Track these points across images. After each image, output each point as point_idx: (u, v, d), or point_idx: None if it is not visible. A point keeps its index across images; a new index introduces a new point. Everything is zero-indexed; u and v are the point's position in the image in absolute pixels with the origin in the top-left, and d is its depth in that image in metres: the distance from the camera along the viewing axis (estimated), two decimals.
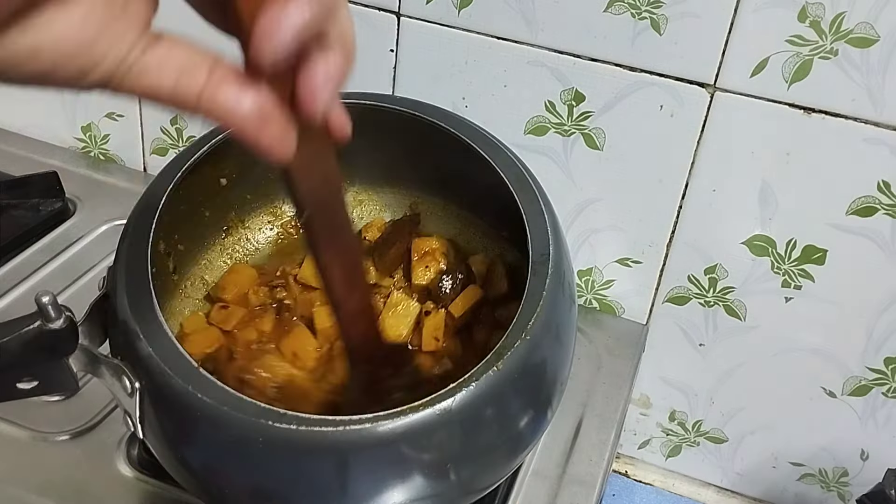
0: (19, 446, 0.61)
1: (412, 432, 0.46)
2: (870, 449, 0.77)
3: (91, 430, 0.63)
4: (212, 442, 0.47)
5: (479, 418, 0.48)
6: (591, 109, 0.72)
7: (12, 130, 0.96)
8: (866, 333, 0.72)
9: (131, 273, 0.51)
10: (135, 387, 0.48)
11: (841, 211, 0.68)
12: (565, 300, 0.54)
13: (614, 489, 0.84)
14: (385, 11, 0.74)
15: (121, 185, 0.90)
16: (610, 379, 0.74)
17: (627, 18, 0.67)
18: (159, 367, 0.47)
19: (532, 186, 0.58)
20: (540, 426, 0.54)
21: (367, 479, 0.47)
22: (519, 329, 0.50)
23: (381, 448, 0.46)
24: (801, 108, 0.66)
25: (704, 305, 0.76)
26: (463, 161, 0.60)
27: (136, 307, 0.50)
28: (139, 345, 0.48)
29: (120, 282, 0.51)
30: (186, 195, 0.59)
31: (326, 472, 0.46)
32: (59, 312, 0.47)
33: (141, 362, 0.48)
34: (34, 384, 0.49)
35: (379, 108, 0.62)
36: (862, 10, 0.61)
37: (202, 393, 0.46)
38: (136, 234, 0.53)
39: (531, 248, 0.54)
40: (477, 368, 0.48)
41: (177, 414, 0.47)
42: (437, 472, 0.48)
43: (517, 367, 0.49)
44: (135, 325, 0.49)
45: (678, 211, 0.73)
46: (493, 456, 0.52)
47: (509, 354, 0.48)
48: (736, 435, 0.81)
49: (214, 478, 0.49)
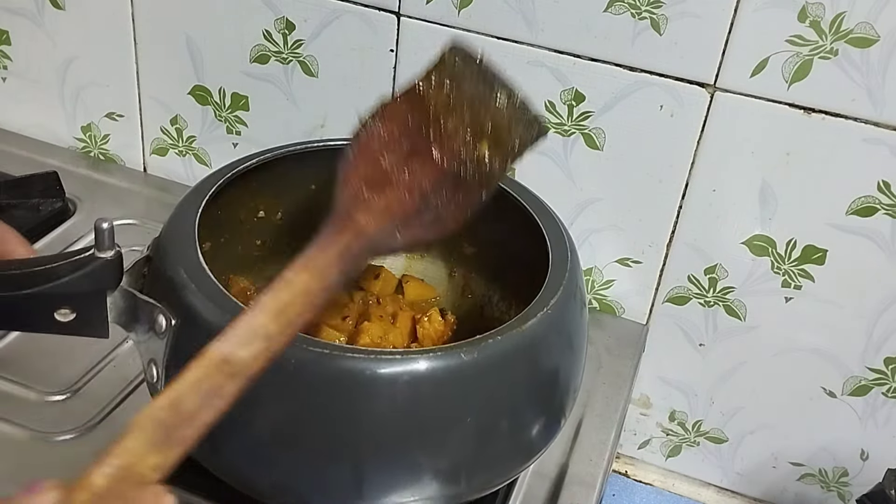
0: (19, 446, 0.61)
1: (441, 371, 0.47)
2: (870, 449, 0.77)
3: (91, 430, 0.63)
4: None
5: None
6: (591, 109, 0.72)
7: (12, 130, 0.96)
8: (866, 333, 0.72)
9: (178, 233, 0.53)
10: (171, 324, 0.49)
11: (841, 211, 0.68)
12: (576, 305, 0.55)
13: (614, 489, 0.84)
14: (385, 11, 0.74)
15: (121, 185, 0.90)
16: (610, 379, 0.74)
17: (627, 18, 0.67)
18: (199, 298, 0.48)
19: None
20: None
21: (385, 420, 0.47)
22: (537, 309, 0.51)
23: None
24: (801, 108, 0.66)
25: (704, 305, 0.76)
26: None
27: (180, 256, 0.52)
28: (183, 284, 0.49)
29: (167, 236, 0.53)
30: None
31: (341, 403, 0.47)
32: (112, 243, 0.49)
33: (182, 300, 0.49)
34: (71, 318, 0.50)
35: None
36: (862, 10, 0.61)
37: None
38: (187, 202, 0.56)
39: (550, 248, 0.56)
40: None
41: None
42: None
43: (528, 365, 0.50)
44: (180, 269, 0.50)
45: (678, 211, 0.73)
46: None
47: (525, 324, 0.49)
48: (736, 435, 0.81)
49: (242, 417, 0.48)
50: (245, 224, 0.67)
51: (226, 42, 0.81)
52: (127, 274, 0.51)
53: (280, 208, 0.68)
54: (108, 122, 0.92)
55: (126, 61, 0.87)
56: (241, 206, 0.65)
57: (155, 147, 0.91)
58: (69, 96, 0.91)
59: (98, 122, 0.92)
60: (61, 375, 0.66)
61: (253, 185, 0.63)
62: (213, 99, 0.85)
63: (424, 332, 0.65)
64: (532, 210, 0.60)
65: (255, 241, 0.68)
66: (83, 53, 0.88)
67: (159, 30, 0.84)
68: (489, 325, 0.67)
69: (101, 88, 0.90)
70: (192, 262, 0.51)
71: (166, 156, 0.91)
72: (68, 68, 0.90)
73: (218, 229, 0.63)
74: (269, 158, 0.62)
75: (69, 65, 0.89)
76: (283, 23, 0.78)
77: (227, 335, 0.40)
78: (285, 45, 0.79)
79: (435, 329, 0.64)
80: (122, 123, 0.91)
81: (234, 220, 0.66)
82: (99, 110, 0.91)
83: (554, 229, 0.59)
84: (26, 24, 0.88)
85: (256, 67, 0.81)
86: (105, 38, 0.86)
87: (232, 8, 0.79)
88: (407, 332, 0.66)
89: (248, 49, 0.81)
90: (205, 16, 0.81)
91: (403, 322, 0.66)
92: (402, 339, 0.64)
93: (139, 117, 0.90)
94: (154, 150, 0.91)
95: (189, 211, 0.55)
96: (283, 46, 0.79)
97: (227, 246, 0.66)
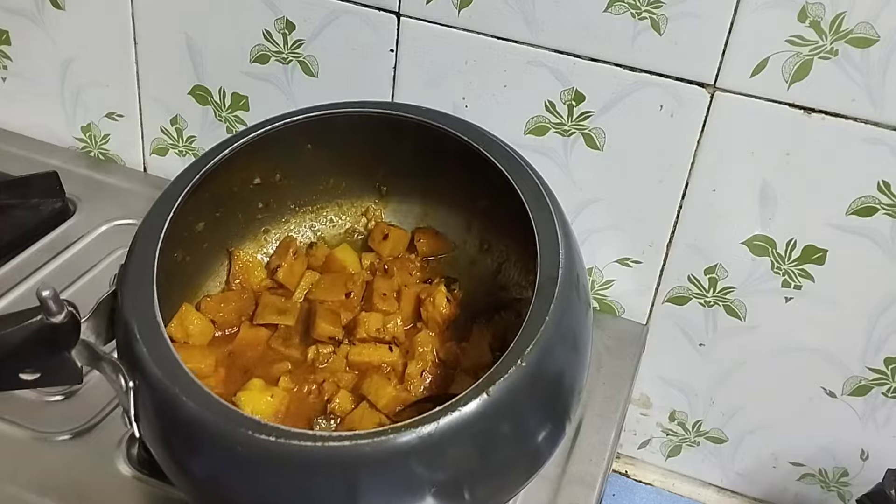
0: (19, 446, 0.61)
1: (422, 447, 0.45)
2: (870, 449, 0.77)
3: (91, 430, 0.63)
4: (196, 447, 0.48)
5: (493, 430, 0.47)
6: (591, 109, 0.72)
7: (12, 130, 0.96)
8: (866, 333, 0.72)
9: (137, 274, 0.52)
10: (128, 385, 0.48)
11: (841, 211, 0.68)
12: (581, 305, 0.54)
13: (614, 489, 0.84)
14: (385, 11, 0.74)
15: (121, 185, 0.90)
16: (610, 379, 0.74)
17: (627, 18, 0.67)
18: (151, 369, 0.47)
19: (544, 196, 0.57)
20: (558, 438, 0.53)
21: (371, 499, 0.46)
22: (530, 331, 0.49)
23: (381, 465, 0.45)
24: (801, 108, 0.66)
25: (704, 305, 0.76)
26: (471, 168, 0.60)
27: (136, 308, 0.50)
28: (136, 345, 0.48)
29: (125, 282, 0.52)
30: (195, 207, 0.59)
31: (298, 488, 0.46)
32: (60, 307, 0.48)
33: (137, 362, 0.48)
34: (37, 376, 0.50)
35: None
36: (862, 10, 0.61)
37: (188, 397, 0.46)
38: (146, 236, 0.54)
39: (540, 255, 0.53)
40: (488, 375, 0.47)
41: (165, 416, 0.48)
42: (451, 491, 0.48)
43: (532, 373, 0.48)
44: (133, 325, 0.49)
45: (678, 211, 0.73)
46: (509, 471, 0.51)
47: (524, 358, 0.47)
48: (736, 435, 0.81)
49: (200, 481, 0.49)
50: (241, 193, 0.66)
51: (226, 42, 0.81)
52: (91, 318, 0.51)
53: (277, 171, 0.67)
54: (108, 122, 0.92)
55: (126, 61, 0.87)
56: (232, 180, 0.64)
57: (155, 147, 0.91)
58: (69, 96, 0.91)
59: (98, 122, 0.92)
60: None
61: (240, 162, 0.61)
62: (213, 99, 0.85)
63: (428, 315, 0.64)
64: (527, 204, 0.58)
65: (257, 204, 0.68)
66: (83, 53, 0.88)
67: (159, 30, 0.84)
68: (504, 288, 0.65)
69: (101, 88, 0.90)
70: (145, 316, 0.50)
71: (166, 156, 0.91)
72: (68, 68, 0.90)
73: (210, 207, 0.62)
74: (256, 137, 0.60)
75: (69, 65, 0.89)
76: (283, 23, 0.78)
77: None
78: (285, 45, 0.79)
79: (439, 312, 0.63)
80: (122, 123, 0.91)
81: (227, 193, 0.65)
82: (99, 110, 0.91)
83: (548, 229, 0.56)
84: (26, 24, 0.88)
85: (256, 67, 0.81)
86: (105, 38, 0.86)
87: (232, 8, 0.79)
88: (409, 315, 0.65)
89: (248, 49, 0.81)
90: (205, 16, 0.81)
91: (407, 302, 0.65)
92: (404, 323, 0.63)
93: (139, 117, 0.90)
94: (154, 149, 0.91)
95: (148, 246, 0.53)
96: (283, 46, 0.79)
97: (225, 218, 0.65)
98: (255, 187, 0.66)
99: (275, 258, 0.68)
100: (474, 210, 0.69)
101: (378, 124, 0.63)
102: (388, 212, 0.71)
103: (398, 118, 0.62)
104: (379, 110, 0.63)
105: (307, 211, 0.70)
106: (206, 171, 0.58)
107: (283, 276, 0.66)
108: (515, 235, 0.64)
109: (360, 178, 0.70)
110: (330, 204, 0.71)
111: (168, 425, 0.48)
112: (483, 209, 0.68)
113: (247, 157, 0.61)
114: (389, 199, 0.71)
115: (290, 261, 0.66)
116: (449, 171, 0.66)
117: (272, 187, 0.68)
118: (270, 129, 0.61)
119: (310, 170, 0.68)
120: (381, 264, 0.68)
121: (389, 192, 0.71)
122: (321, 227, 0.71)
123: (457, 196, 0.69)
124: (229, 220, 0.66)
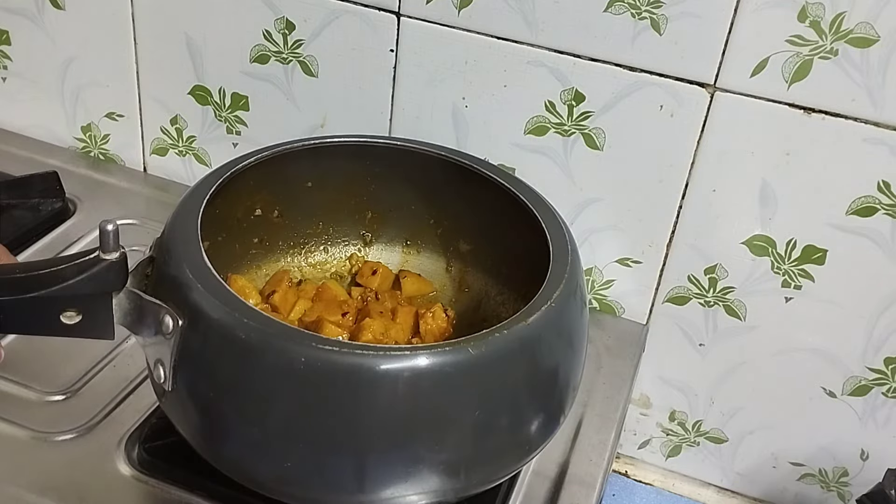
0: (19, 446, 0.61)
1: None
2: (870, 449, 0.77)
3: (91, 430, 0.63)
4: (257, 369, 0.48)
5: (535, 350, 0.51)
6: (591, 109, 0.72)
7: (12, 130, 0.96)
8: (866, 333, 0.72)
9: (181, 233, 0.54)
10: (178, 324, 0.49)
11: (841, 211, 0.68)
12: (577, 303, 0.55)
13: (614, 489, 0.84)
14: (385, 11, 0.74)
15: (121, 185, 0.90)
16: (610, 379, 0.74)
17: (627, 18, 0.67)
18: (207, 300, 0.48)
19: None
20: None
21: (394, 415, 0.48)
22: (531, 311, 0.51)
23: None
24: (801, 108, 0.66)
25: (704, 305, 0.76)
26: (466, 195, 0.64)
27: (184, 255, 0.52)
28: (188, 281, 0.50)
29: (170, 236, 0.53)
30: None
31: (359, 398, 0.47)
32: (117, 244, 0.49)
33: (189, 298, 0.49)
34: (77, 320, 0.50)
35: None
36: (862, 10, 0.61)
37: (248, 318, 0.47)
38: (188, 202, 0.56)
39: (551, 242, 0.56)
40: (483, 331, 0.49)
41: (222, 344, 0.48)
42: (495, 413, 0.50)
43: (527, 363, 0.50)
44: (184, 266, 0.50)
45: (678, 211, 0.73)
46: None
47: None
48: (736, 435, 0.81)
49: (250, 412, 0.49)
50: (242, 222, 0.67)
51: (226, 42, 0.81)
52: (131, 275, 0.51)
53: (277, 206, 0.68)
54: (108, 122, 0.92)
55: (126, 61, 0.87)
56: (238, 204, 0.66)
57: (155, 147, 0.91)
58: (69, 96, 0.91)
59: (98, 122, 0.92)
60: (61, 375, 0.66)
61: (250, 183, 0.64)
62: (213, 99, 0.85)
63: (428, 328, 0.65)
64: (530, 204, 0.60)
65: (253, 238, 0.69)
66: (83, 53, 0.88)
67: (159, 30, 0.84)
68: (486, 320, 0.67)
69: (101, 88, 0.90)
70: (196, 262, 0.51)
71: (166, 156, 0.91)
72: (68, 68, 0.90)
73: (216, 228, 0.64)
74: (269, 156, 0.62)
75: (69, 65, 0.89)
76: (283, 23, 0.78)
77: None
78: (285, 45, 0.79)
79: (438, 325, 0.65)
80: (122, 123, 0.91)
81: (232, 218, 0.66)
82: (99, 110, 0.91)
83: (553, 223, 0.59)
84: (26, 24, 0.88)
85: (256, 67, 0.81)
86: (105, 38, 0.86)
87: (232, 8, 0.79)
88: (409, 328, 0.66)
89: (248, 49, 0.81)
90: (205, 16, 0.81)
91: (405, 317, 0.66)
92: (404, 334, 0.64)
93: (139, 117, 0.90)
94: (154, 149, 0.91)
95: (191, 210, 0.55)
96: (283, 46, 0.79)
97: (225, 244, 0.66)
98: (255, 219, 0.68)
99: (268, 286, 0.69)
100: (453, 254, 0.72)
101: (375, 158, 0.67)
102: (371, 258, 0.74)
103: (426, 154, 0.66)
104: (401, 144, 0.67)
105: (296, 253, 0.72)
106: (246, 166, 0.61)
107: (279, 300, 0.67)
108: (493, 273, 0.69)
109: (348, 225, 0.73)
110: (318, 248, 0.73)
111: (224, 355, 0.48)
112: (462, 253, 0.71)
113: (255, 181, 0.64)
114: (372, 246, 0.74)
115: (284, 287, 0.67)
116: (437, 213, 0.70)
117: (269, 224, 0.69)
118: (275, 153, 0.63)
119: (305, 211, 0.70)
120: (371, 293, 0.70)
121: (373, 240, 0.73)
122: (308, 269, 0.72)
123: (436, 243, 0.72)
124: (228, 248, 0.67)
